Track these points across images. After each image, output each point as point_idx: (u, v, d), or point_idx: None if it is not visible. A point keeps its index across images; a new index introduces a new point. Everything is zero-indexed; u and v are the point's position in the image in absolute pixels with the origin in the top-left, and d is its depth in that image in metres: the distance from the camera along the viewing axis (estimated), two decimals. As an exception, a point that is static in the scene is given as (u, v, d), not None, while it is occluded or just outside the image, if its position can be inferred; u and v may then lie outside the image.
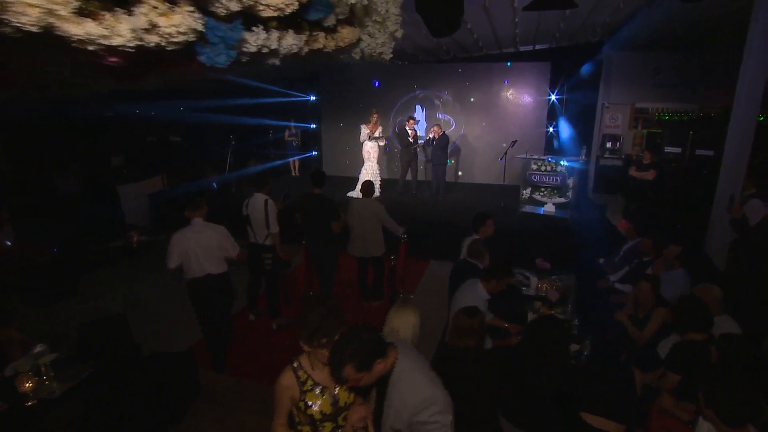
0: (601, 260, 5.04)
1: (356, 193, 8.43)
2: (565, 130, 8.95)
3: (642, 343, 3.24)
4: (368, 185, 4.83)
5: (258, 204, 4.32)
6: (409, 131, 8.17)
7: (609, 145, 8.42)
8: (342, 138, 10.32)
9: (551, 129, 9.02)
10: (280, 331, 4.65)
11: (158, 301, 5.30)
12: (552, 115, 8.98)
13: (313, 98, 10.78)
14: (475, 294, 3.06)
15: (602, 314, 3.83)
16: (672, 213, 6.39)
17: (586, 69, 8.49)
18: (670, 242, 3.93)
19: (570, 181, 6.73)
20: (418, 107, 9.85)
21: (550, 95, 8.84)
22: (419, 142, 8.38)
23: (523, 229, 6.51)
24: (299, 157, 10.72)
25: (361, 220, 4.75)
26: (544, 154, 8.60)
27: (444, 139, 8.00)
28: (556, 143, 9.09)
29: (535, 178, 6.91)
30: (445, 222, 6.93)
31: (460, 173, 9.98)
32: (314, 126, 10.89)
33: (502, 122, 9.39)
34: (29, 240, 5.71)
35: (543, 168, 6.83)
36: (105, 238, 6.05)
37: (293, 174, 10.86)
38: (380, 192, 8.46)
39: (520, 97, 9.11)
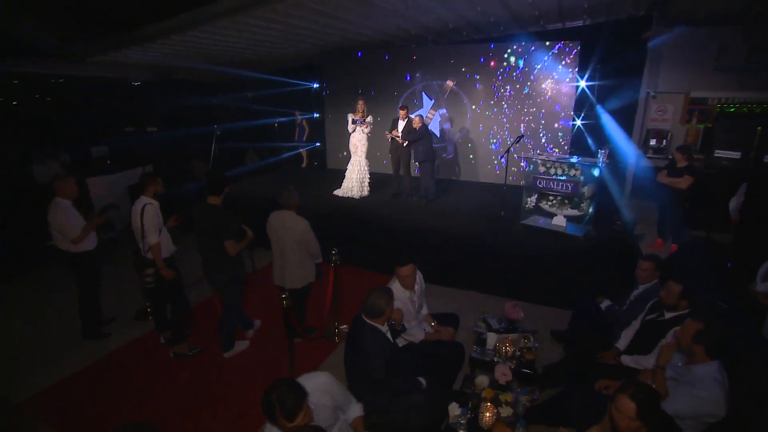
0: (605, 303, 3.70)
1: (344, 191, 7.55)
2: (596, 123, 7.37)
3: None
4: (288, 195, 3.79)
5: (136, 209, 3.54)
6: (401, 123, 7.07)
7: (653, 142, 6.80)
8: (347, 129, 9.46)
9: (578, 122, 7.45)
10: (176, 361, 3.87)
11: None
12: (580, 106, 7.41)
13: (315, 86, 9.98)
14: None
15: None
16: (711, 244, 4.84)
17: (626, 50, 6.86)
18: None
19: (586, 189, 5.32)
20: (424, 96, 8.69)
21: (578, 82, 7.28)
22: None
23: (520, 248, 5.24)
24: (306, 147, 10.13)
25: (276, 239, 3.78)
26: (569, 153, 7.18)
27: (421, 131, 6.82)
28: (591, 141, 7.50)
29: (541, 183, 5.55)
30: (421, 232, 5.82)
31: (458, 170, 8.76)
32: (317, 115, 10.11)
33: (517, 114, 7.98)
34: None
35: (553, 171, 5.46)
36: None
37: (303, 165, 10.29)
38: (369, 191, 7.52)
39: (540, 84, 7.63)
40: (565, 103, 7.45)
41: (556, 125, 7.59)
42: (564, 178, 5.34)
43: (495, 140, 8.26)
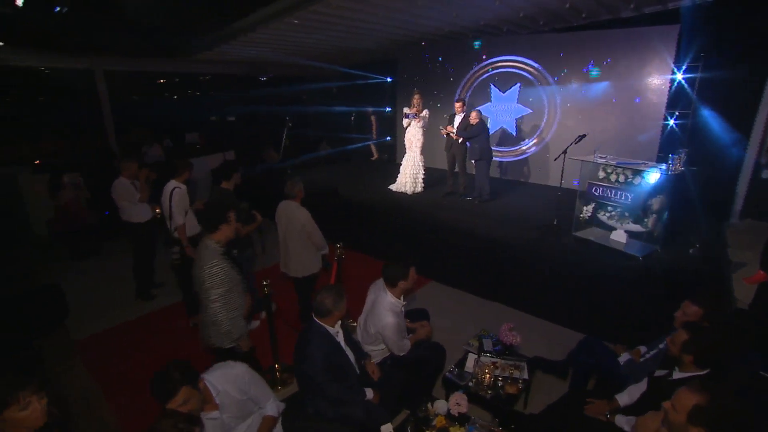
0: (624, 356, 3.02)
1: (398, 186, 7.49)
2: (695, 124, 6.04)
3: None
4: (292, 185, 3.87)
5: (166, 191, 3.97)
6: (458, 117, 6.71)
7: (779, 149, 5.36)
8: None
9: (671, 122, 6.18)
10: (195, 330, 4.29)
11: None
12: (675, 103, 6.13)
13: (389, 80, 10.02)
14: (387, 306, 2.94)
15: None
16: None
17: (745, 32, 5.47)
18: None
19: (655, 201, 4.43)
20: (493, 88, 8.10)
21: (674, 73, 6.02)
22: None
23: (563, 263, 4.62)
24: (377, 141, 10.33)
25: (281, 228, 3.92)
26: (658, 157, 6.07)
27: (478, 128, 6.35)
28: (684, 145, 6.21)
29: (596, 190, 4.78)
30: (462, 234, 5.47)
31: (526, 172, 8.05)
32: (389, 110, 10.16)
33: (593, 111, 6.97)
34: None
35: (614, 177, 4.66)
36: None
37: (373, 157, 10.54)
38: (423, 188, 7.33)
39: (627, 78, 6.52)
40: (655, 100, 6.26)
41: (642, 125, 6.43)
42: (625, 186, 4.52)
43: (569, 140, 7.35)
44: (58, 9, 4.93)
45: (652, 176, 4.33)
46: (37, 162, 7.39)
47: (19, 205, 7.05)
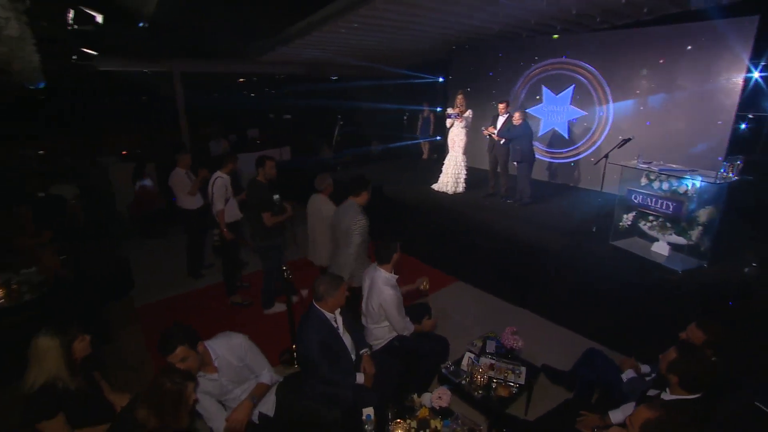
0: (628, 373, 2.85)
1: (439, 186, 7.53)
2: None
3: None
4: (321, 179, 4.16)
5: (210, 180, 4.45)
6: (502, 118, 6.59)
7: None
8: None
9: (743, 126, 5.51)
10: (233, 307, 4.79)
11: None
12: (750, 103, 5.44)
13: (441, 80, 10.02)
14: (383, 281, 3.14)
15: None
16: None
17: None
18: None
19: (702, 212, 4.05)
20: (545, 90, 7.79)
21: (749, 71, 5.36)
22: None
23: (595, 273, 4.41)
24: (425, 140, 10.40)
25: (311, 219, 4.24)
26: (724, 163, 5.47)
27: (520, 129, 6.16)
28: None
29: (636, 198, 4.47)
30: (497, 238, 5.40)
31: (577, 176, 7.63)
32: (440, 109, 10.16)
33: (649, 114, 6.42)
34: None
35: (657, 184, 4.33)
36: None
37: (424, 157, 10.65)
38: (464, 188, 7.29)
39: (686, 76, 5.93)
40: (725, 101, 5.61)
41: (706, 130, 5.81)
42: (668, 194, 4.19)
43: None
44: (141, 24, 5.69)
45: (698, 185, 3.97)
46: (124, 153, 8.52)
47: (110, 189, 8.23)
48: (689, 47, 5.87)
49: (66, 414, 2.16)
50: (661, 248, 4.42)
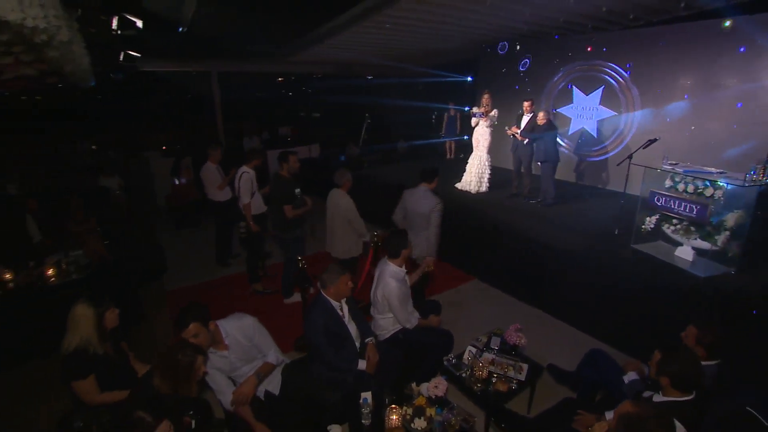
0: (630, 376, 2.78)
1: (462, 185, 7.54)
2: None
3: None
4: (340, 175, 4.33)
5: (237, 175, 4.72)
6: (526, 117, 6.52)
7: None
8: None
9: None
10: (254, 295, 5.05)
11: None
12: None
13: (470, 79, 9.97)
14: (390, 273, 3.23)
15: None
16: None
17: None
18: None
19: (730, 217, 3.88)
20: (575, 90, 7.60)
21: None
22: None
23: (612, 277, 4.33)
24: (449, 138, 10.40)
25: (329, 212, 4.42)
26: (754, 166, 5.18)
27: (544, 128, 6.10)
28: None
29: (659, 200, 4.33)
30: (517, 238, 5.38)
31: (605, 177, 7.44)
32: (468, 109, 10.11)
33: (683, 115, 6.14)
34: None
35: (682, 186, 4.18)
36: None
37: (448, 156, 10.66)
38: (488, 188, 7.26)
39: (723, 75, 5.62)
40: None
41: (746, 132, 5.50)
42: (693, 197, 4.04)
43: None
44: (180, 29, 6.08)
45: (725, 187, 3.81)
46: (164, 147, 9.09)
47: (150, 182, 8.82)
48: (730, 43, 5.58)
49: (96, 377, 2.43)
50: (685, 253, 4.26)
